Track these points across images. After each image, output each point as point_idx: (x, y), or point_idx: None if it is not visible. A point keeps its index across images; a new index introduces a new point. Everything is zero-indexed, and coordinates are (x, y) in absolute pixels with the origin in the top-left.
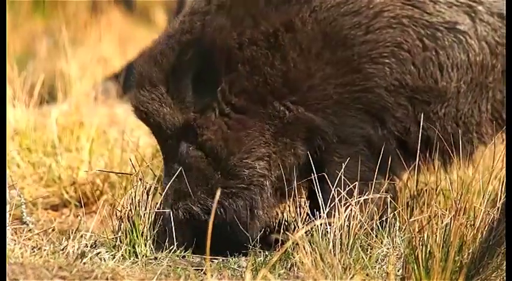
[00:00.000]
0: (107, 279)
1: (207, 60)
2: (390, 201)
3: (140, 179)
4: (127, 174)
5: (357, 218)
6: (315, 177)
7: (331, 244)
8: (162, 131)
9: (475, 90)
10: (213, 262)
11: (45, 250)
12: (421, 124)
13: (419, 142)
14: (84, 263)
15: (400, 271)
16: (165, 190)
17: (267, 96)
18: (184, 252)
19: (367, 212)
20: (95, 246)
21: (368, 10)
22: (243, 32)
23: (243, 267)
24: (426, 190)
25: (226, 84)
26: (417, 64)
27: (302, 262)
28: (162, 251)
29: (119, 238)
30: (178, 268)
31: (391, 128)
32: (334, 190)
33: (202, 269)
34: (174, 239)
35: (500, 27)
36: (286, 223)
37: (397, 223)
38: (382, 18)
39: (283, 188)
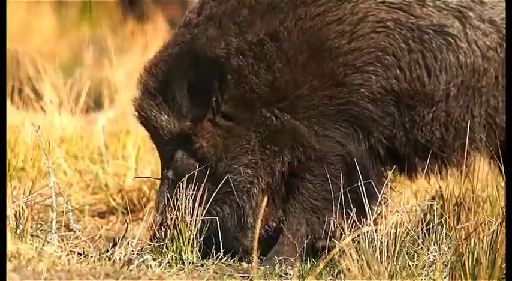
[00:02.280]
0: None
1: (199, 70)
2: (437, 208)
3: (186, 186)
4: None
5: (403, 225)
6: (361, 183)
7: (377, 251)
8: (160, 137)
9: (467, 94)
10: (259, 269)
11: (91, 257)
12: (468, 127)
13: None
14: (131, 270)
15: (447, 278)
16: (159, 198)
17: (255, 104)
18: (231, 259)
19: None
20: (142, 253)
21: (352, 16)
22: (230, 42)
23: (290, 274)
24: (473, 197)
25: (217, 93)
26: (403, 67)
27: (349, 269)
28: (208, 258)
29: (165, 245)
30: (224, 274)
31: (379, 137)
32: (381, 196)
33: (248, 276)
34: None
35: (491, 32)
36: (332, 230)
37: (444, 230)
38: (366, 23)
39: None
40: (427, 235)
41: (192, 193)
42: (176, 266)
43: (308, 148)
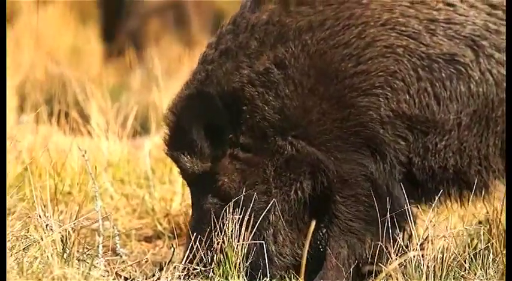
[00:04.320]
0: None
1: (215, 109)
2: (483, 233)
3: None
4: None
5: (450, 249)
6: (408, 208)
7: (424, 275)
8: (185, 176)
9: (480, 123)
10: None
11: None
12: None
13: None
14: None
15: None
16: (192, 236)
17: (269, 132)
18: None
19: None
20: (188, 277)
21: (359, 41)
22: (243, 74)
23: None
24: None
25: (236, 126)
26: (412, 94)
27: None
28: None
29: (212, 270)
30: None
31: (393, 161)
32: (428, 220)
33: None
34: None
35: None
36: (379, 254)
37: (491, 254)
38: (375, 47)
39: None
40: (473, 260)
41: (239, 218)
42: None
43: (329, 172)
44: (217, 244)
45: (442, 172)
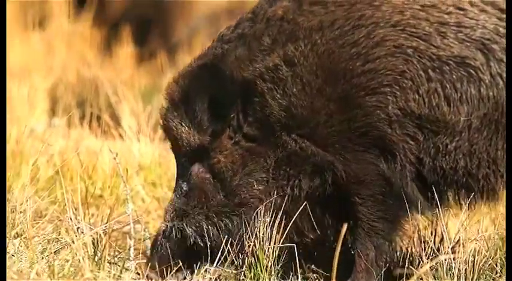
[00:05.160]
0: None
1: (222, 86)
2: None
3: (264, 214)
4: None
5: (481, 252)
6: (439, 210)
7: (455, 278)
8: (178, 147)
9: (490, 127)
10: None
11: None
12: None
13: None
14: None
15: None
16: (169, 207)
17: (276, 128)
18: None
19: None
20: (220, 280)
21: (368, 40)
22: (255, 66)
23: None
24: None
25: (240, 113)
26: (422, 93)
27: None
28: None
29: (243, 273)
30: None
31: (403, 161)
32: (460, 223)
33: None
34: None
35: None
36: (410, 258)
37: None
38: (383, 47)
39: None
40: (505, 263)
41: (271, 221)
42: None
43: (338, 173)
44: (249, 247)
45: (453, 173)
